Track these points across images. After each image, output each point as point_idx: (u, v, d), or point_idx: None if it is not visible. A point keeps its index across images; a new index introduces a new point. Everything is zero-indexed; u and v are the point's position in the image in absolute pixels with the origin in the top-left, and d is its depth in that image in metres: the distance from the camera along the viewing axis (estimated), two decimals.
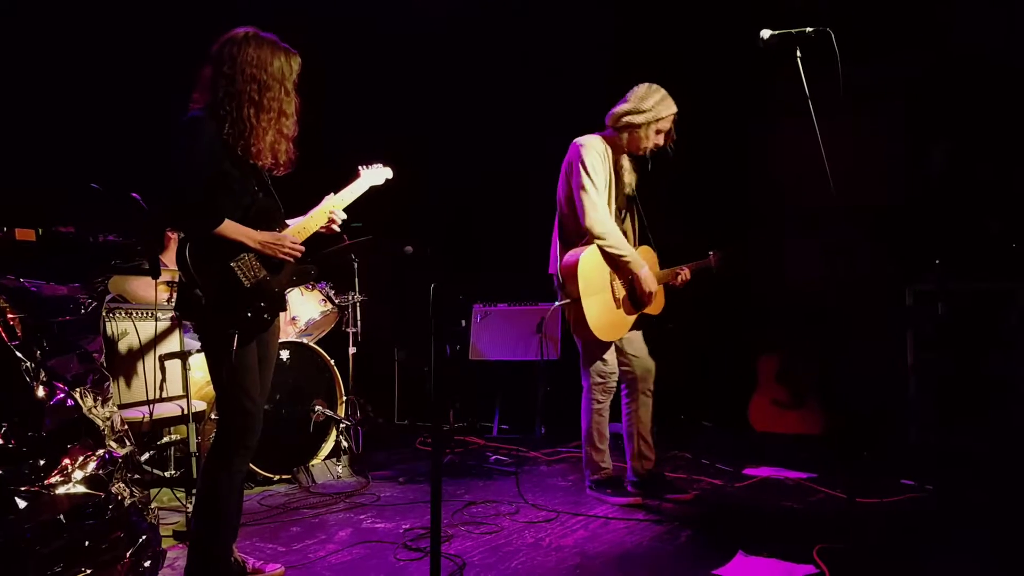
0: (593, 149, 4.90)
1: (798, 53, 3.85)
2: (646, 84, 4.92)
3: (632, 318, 5.00)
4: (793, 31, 3.85)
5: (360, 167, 4.12)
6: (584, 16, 7.41)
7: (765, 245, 6.56)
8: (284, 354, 5.61)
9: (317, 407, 5.77)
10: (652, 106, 4.84)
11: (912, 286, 6.25)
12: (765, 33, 3.92)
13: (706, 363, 7.26)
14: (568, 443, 6.80)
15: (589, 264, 4.82)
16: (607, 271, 4.90)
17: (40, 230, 3.47)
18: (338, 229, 3.93)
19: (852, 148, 5.34)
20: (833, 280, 6.74)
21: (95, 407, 3.39)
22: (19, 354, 3.13)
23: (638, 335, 5.16)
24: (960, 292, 5.96)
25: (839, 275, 6.63)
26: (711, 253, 5.22)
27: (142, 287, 5.43)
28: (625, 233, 5.04)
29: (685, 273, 5.13)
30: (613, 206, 4.94)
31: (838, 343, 6.71)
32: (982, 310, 5.91)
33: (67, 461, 3.15)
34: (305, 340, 5.93)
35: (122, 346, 4.98)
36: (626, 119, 4.89)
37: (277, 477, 5.54)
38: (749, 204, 7.58)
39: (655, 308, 5.11)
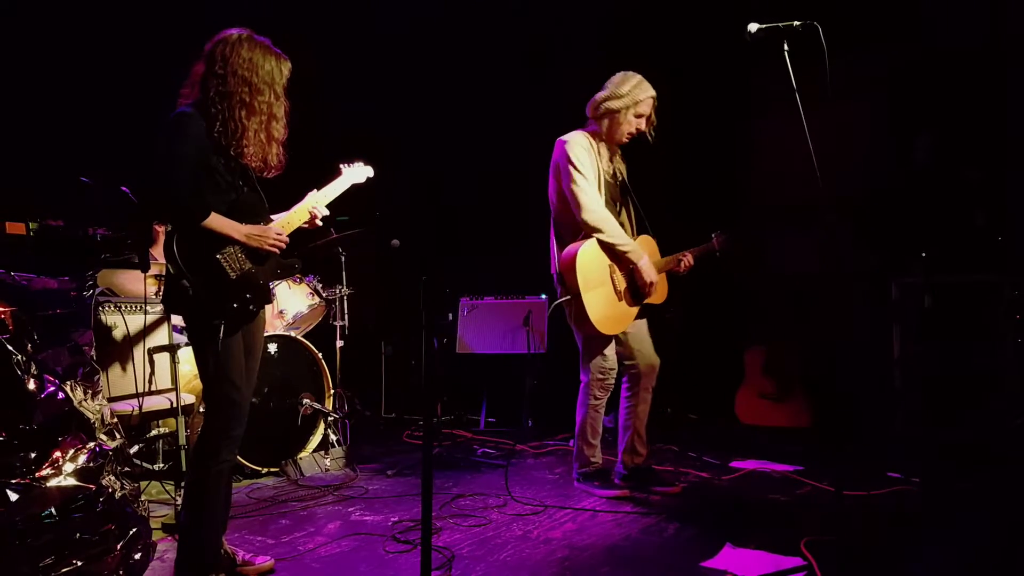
0: (577, 144, 4.90)
1: (785, 47, 3.86)
2: (622, 72, 4.96)
3: (635, 310, 4.97)
4: (780, 25, 3.86)
5: (342, 165, 4.17)
6: (576, 12, 7.43)
7: (750, 237, 6.57)
8: (272, 347, 5.61)
9: (305, 400, 5.78)
10: (629, 91, 4.87)
11: (898, 278, 6.28)
12: (752, 27, 3.93)
13: (692, 355, 7.29)
14: (555, 436, 6.83)
15: (587, 258, 4.80)
16: (606, 264, 4.87)
17: (30, 223, 3.47)
18: (320, 224, 3.96)
19: (837, 140, 5.36)
20: (819, 272, 6.78)
21: (85, 400, 3.40)
22: (10, 347, 3.14)
23: (643, 329, 5.13)
24: (946, 285, 6.00)
25: (825, 267, 6.67)
26: (714, 236, 5.21)
27: (130, 280, 5.43)
28: (622, 224, 5.04)
29: (688, 259, 5.12)
30: (605, 197, 4.93)
31: (824, 336, 6.74)
32: (968, 303, 5.95)
33: (58, 454, 3.16)
34: (293, 333, 5.93)
35: (111, 339, 4.97)
36: (605, 105, 4.92)
37: (265, 470, 5.54)
38: (734, 196, 7.61)
39: (658, 297, 5.07)
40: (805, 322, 6.79)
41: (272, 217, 3.77)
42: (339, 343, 6.39)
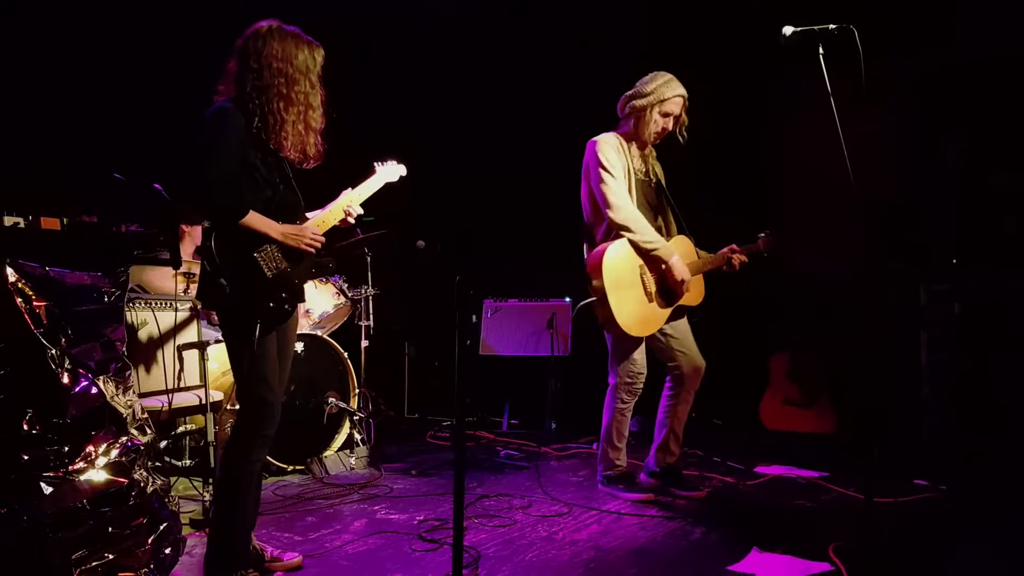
0: (607, 144, 4.89)
1: (820, 50, 3.83)
2: (654, 71, 4.92)
3: (667, 312, 4.91)
4: (816, 28, 3.83)
5: (375, 164, 4.19)
6: (606, 14, 7.41)
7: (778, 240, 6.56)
8: (299, 346, 5.61)
9: (331, 399, 5.80)
10: (654, 88, 4.83)
11: (927, 285, 6.24)
12: (787, 30, 3.90)
13: (717, 360, 7.25)
14: (578, 439, 6.83)
15: (615, 257, 4.76)
16: (637, 264, 4.83)
17: (65, 219, 3.49)
18: (353, 223, 3.98)
19: (867, 144, 5.32)
20: (846, 277, 6.74)
21: (117, 395, 3.41)
22: (44, 341, 3.15)
23: (685, 330, 5.08)
24: (975, 291, 5.95)
25: (853, 272, 6.62)
26: (761, 236, 5.15)
27: (158, 277, 5.46)
28: (660, 228, 5.03)
29: (741, 256, 5.05)
30: (637, 198, 4.90)
31: (851, 341, 6.71)
32: (997, 310, 5.90)
33: (91, 448, 3.17)
34: (319, 333, 5.95)
35: (141, 335, 4.99)
36: (631, 104, 4.92)
37: (291, 468, 5.57)
38: (761, 198, 7.58)
39: (693, 299, 5.01)
40: (831, 328, 6.74)
41: (306, 215, 3.78)
42: (364, 343, 6.41)
